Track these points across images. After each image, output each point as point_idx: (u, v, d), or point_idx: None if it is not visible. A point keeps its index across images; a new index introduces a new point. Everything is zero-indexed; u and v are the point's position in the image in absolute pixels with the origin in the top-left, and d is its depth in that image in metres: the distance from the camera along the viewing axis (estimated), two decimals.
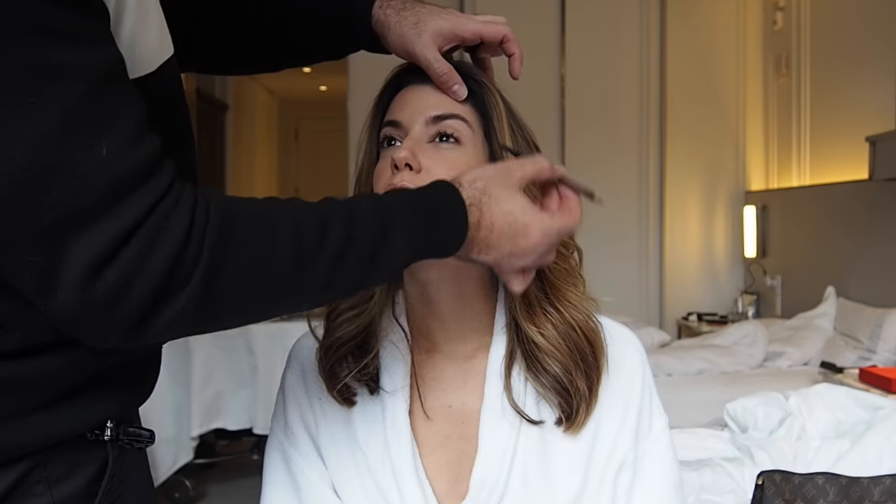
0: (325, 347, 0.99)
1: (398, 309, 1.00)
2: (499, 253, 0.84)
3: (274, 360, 3.60)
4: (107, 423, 0.82)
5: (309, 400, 0.99)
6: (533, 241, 0.84)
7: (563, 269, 0.98)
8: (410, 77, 0.98)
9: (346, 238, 0.74)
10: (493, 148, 0.96)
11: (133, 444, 0.86)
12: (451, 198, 0.82)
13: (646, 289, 5.32)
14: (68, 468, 0.80)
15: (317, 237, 0.72)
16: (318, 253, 0.72)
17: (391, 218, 0.78)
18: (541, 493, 0.92)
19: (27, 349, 0.74)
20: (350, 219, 0.75)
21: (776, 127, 5.09)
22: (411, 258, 0.81)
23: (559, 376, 0.94)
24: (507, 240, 0.83)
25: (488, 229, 0.82)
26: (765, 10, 5.22)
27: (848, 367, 3.20)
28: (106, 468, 0.83)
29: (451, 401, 0.97)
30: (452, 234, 0.81)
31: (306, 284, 0.73)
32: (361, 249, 0.75)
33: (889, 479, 1.59)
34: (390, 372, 0.97)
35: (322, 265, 0.73)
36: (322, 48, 1.08)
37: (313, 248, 0.72)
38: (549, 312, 0.96)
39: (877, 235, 3.89)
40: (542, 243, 0.85)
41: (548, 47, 5.21)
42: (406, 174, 0.90)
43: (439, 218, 0.81)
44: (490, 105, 0.96)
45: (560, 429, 0.94)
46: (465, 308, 0.98)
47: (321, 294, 0.76)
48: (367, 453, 0.94)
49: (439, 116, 0.93)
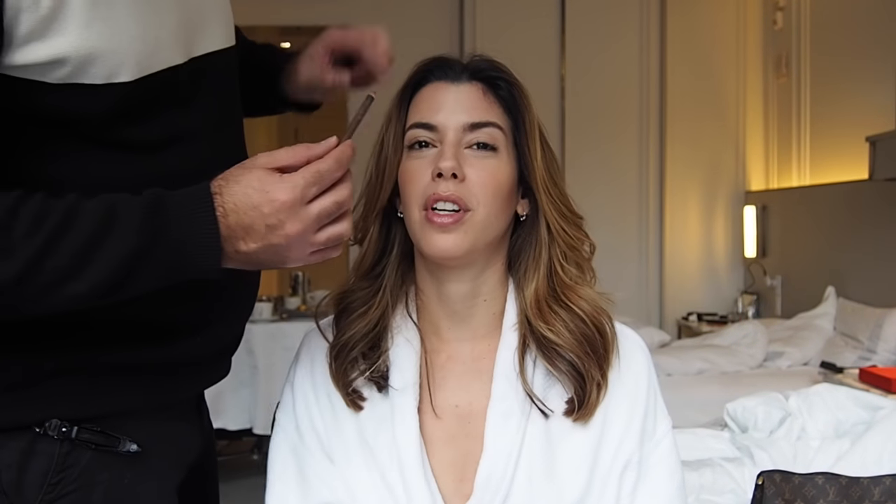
0: (338, 348, 0.98)
1: (411, 306, 1.01)
2: (257, 235, 0.79)
3: (274, 360, 3.60)
4: (53, 420, 0.86)
5: (316, 396, 0.99)
6: (284, 198, 0.78)
7: (574, 265, 0.99)
8: (439, 73, 0.98)
9: (60, 225, 0.75)
10: (522, 151, 0.97)
11: (94, 446, 0.89)
12: (199, 190, 0.80)
13: (646, 289, 5.32)
14: (20, 456, 0.86)
15: (29, 225, 0.74)
16: (25, 239, 0.74)
17: (122, 210, 0.78)
18: (546, 493, 0.92)
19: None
20: (72, 211, 0.76)
21: (776, 127, 5.09)
22: (148, 257, 0.78)
23: (574, 361, 0.95)
24: (256, 212, 0.78)
25: (234, 212, 0.78)
26: (765, 10, 5.22)
27: (848, 367, 3.20)
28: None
29: (458, 400, 0.98)
30: (202, 225, 0.78)
31: (9, 270, 0.74)
32: (76, 240, 0.75)
33: (889, 479, 1.59)
34: (401, 369, 0.97)
35: (27, 251, 0.74)
36: (269, 102, 1.21)
37: (21, 234, 0.74)
38: (558, 310, 0.97)
39: (877, 235, 3.89)
40: (296, 197, 0.78)
41: (548, 47, 5.21)
42: (451, 183, 0.92)
43: (182, 210, 0.79)
44: (523, 108, 0.98)
45: (569, 420, 0.94)
46: (478, 306, 0.99)
47: (29, 283, 0.75)
48: (375, 450, 0.95)
49: (477, 124, 0.95)
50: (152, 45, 0.84)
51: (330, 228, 0.82)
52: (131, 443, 0.91)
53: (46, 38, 0.76)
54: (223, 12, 1.02)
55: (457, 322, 0.99)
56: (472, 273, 0.97)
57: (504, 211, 0.96)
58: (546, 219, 0.98)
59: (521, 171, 0.98)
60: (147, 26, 0.84)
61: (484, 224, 0.93)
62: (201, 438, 1.08)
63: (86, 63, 0.79)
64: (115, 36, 0.80)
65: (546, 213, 0.98)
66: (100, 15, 0.79)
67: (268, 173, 0.80)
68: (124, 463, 0.92)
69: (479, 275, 0.98)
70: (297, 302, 4.19)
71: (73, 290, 0.77)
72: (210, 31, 0.96)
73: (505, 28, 5.02)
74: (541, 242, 0.98)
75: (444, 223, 0.92)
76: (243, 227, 0.79)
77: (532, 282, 0.98)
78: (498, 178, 0.94)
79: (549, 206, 0.98)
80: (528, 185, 0.99)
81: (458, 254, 0.93)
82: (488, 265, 0.98)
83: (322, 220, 0.81)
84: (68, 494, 0.88)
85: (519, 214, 1.00)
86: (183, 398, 1.03)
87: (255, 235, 0.79)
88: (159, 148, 0.89)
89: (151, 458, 0.94)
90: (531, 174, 0.97)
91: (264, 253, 0.80)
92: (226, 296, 0.95)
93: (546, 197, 0.97)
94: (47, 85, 0.78)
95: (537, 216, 0.99)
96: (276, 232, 0.79)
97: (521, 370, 0.95)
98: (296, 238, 0.80)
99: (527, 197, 1.00)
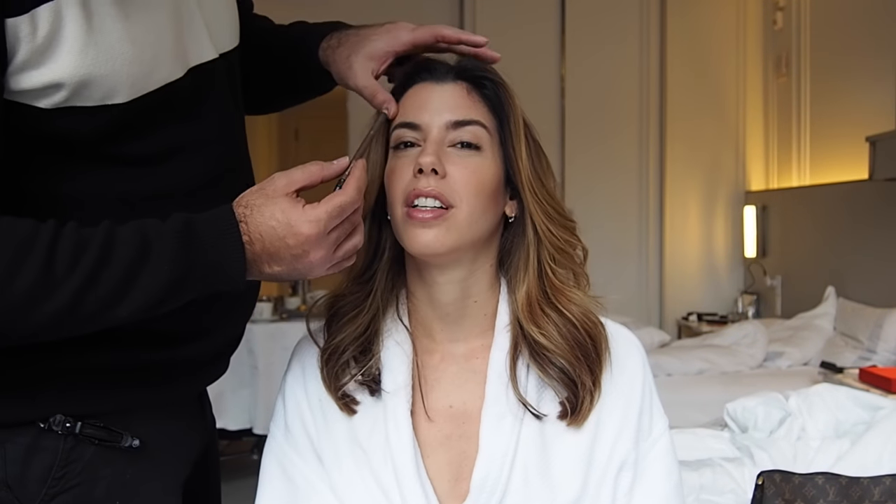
0: (329, 352, 0.98)
1: (402, 309, 1.00)
2: (282, 261, 0.85)
3: (274, 359, 3.60)
4: (56, 416, 0.89)
5: (309, 402, 0.99)
6: (308, 232, 0.83)
7: (565, 268, 0.98)
8: (425, 74, 0.98)
9: (99, 259, 0.79)
10: (507, 151, 0.96)
11: (97, 441, 0.91)
12: (224, 218, 0.84)
13: (646, 289, 5.32)
14: (26, 452, 0.88)
15: (69, 259, 0.78)
16: (68, 274, 0.78)
17: (154, 239, 0.81)
18: (541, 493, 0.92)
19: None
20: (108, 242, 0.80)
21: (776, 127, 5.09)
22: (185, 282, 0.83)
23: (565, 367, 0.94)
24: (281, 244, 0.84)
25: (259, 241, 0.84)
26: (765, 10, 5.22)
27: (848, 367, 3.20)
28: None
29: (452, 401, 0.97)
30: (230, 252, 0.83)
31: (55, 304, 0.78)
32: (116, 271, 0.79)
33: (889, 479, 1.59)
34: (392, 372, 0.97)
35: (71, 285, 0.78)
36: (301, 87, 1.16)
37: (64, 269, 0.78)
38: (550, 314, 0.96)
39: (877, 235, 3.89)
40: (320, 231, 0.84)
41: (548, 47, 5.21)
42: (432, 178, 0.91)
43: (209, 237, 0.83)
44: (508, 107, 0.97)
45: (563, 423, 0.94)
46: (469, 308, 0.99)
47: (74, 314, 0.79)
48: (368, 454, 0.94)
49: (459, 122, 0.95)
50: (149, 66, 0.86)
51: (346, 244, 0.88)
52: (133, 438, 0.93)
53: (42, 65, 0.78)
54: (226, 13, 1.02)
55: (448, 324, 0.99)
56: (461, 274, 0.97)
57: (489, 210, 0.95)
58: (532, 219, 0.97)
59: (507, 171, 0.98)
60: (143, 47, 0.85)
61: (468, 221, 0.93)
62: (203, 435, 1.09)
63: (81, 88, 0.81)
64: (109, 61, 0.82)
65: (532, 213, 0.97)
66: (94, 41, 0.81)
67: (291, 204, 0.84)
68: (127, 459, 0.94)
69: (468, 276, 0.97)
70: (297, 302, 4.19)
71: (113, 316, 0.82)
72: (213, 37, 0.97)
73: (505, 28, 5.02)
74: (528, 244, 0.98)
75: (424, 218, 0.91)
76: (269, 254, 0.84)
77: (523, 283, 0.97)
78: (480, 176, 0.94)
79: (536, 207, 0.97)
80: (515, 186, 0.98)
81: (440, 250, 0.92)
82: (477, 266, 0.98)
83: (339, 241, 0.87)
84: (72, 489, 0.90)
85: (507, 216, 0.99)
86: (183, 395, 1.04)
87: (280, 262, 0.85)
88: (161, 160, 0.91)
89: (154, 455, 0.96)
90: (516, 174, 0.97)
91: (287, 274, 0.86)
92: (228, 302, 0.96)
93: (532, 197, 0.97)
94: (44, 110, 0.81)
95: (525, 217, 0.98)
96: (301, 259, 0.85)
97: (514, 376, 0.95)
98: (319, 261, 0.86)
99: (515, 198, 0.99)
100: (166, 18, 0.88)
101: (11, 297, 0.77)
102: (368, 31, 1.02)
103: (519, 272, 0.98)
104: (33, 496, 0.88)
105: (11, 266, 0.76)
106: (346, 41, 1.04)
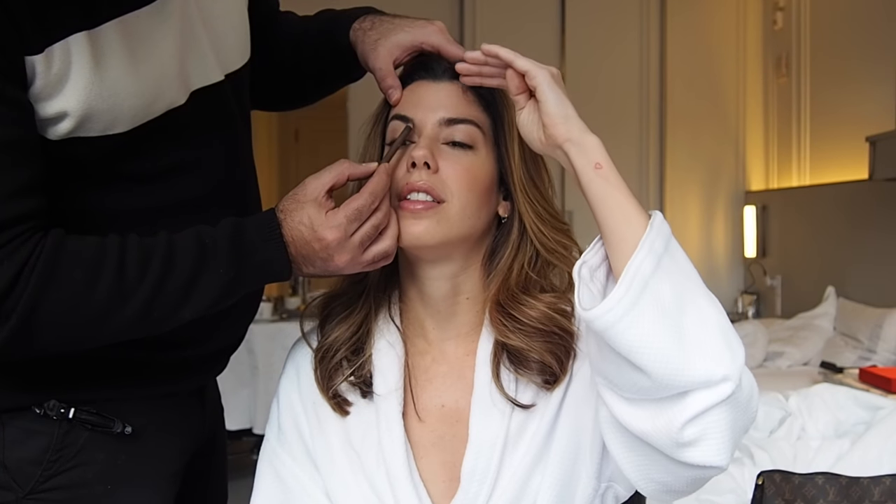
0: (322, 352, 0.99)
1: (394, 309, 1.01)
2: (314, 264, 0.91)
3: (274, 359, 3.60)
4: (51, 401, 0.93)
5: (303, 405, 0.99)
6: (330, 238, 0.89)
7: (547, 266, 0.98)
8: (422, 73, 0.99)
9: (164, 268, 0.86)
10: (501, 151, 0.97)
11: (91, 426, 0.95)
12: (267, 221, 0.90)
13: None
14: (23, 435, 0.93)
15: (137, 270, 0.84)
16: (137, 284, 0.84)
17: (209, 244, 0.88)
18: (533, 483, 0.92)
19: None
20: (170, 252, 0.87)
21: (776, 127, 5.09)
22: (239, 281, 0.90)
23: (540, 362, 0.93)
24: (309, 248, 0.90)
25: (293, 244, 0.89)
26: (765, 10, 5.22)
27: (848, 367, 3.20)
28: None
29: (445, 400, 0.98)
30: (274, 253, 0.90)
31: (129, 312, 0.85)
32: (180, 277, 0.86)
33: (889, 479, 1.59)
34: (384, 374, 0.97)
35: (142, 294, 0.85)
36: (330, 75, 1.18)
37: (133, 280, 0.84)
38: (516, 317, 0.95)
39: (877, 235, 3.89)
40: (341, 236, 0.89)
41: (548, 47, 5.21)
42: (424, 172, 0.93)
43: (257, 239, 0.89)
44: (502, 108, 0.98)
45: (550, 410, 0.93)
46: (460, 305, 0.99)
47: (145, 319, 0.86)
48: (361, 456, 0.95)
49: (452, 120, 0.96)
50: (151, 98, 0.90)
51: (374, 248, 0.91)
52: (126, 425, 0.97)
53: (52, 98, 0.83)
54: (234, 32, 1.03)
55: (440, 321, 0.99)
56: (451, 270, 0.97)
57: (481, 208, 0.96)
58: (522, 219, 0.98)
59: (501, 171, 0.98)
60: (146, 80, 0.88)
61: (459, 216, 0.93)
62: (202, 427, 1.10)
63: (84, 121, 0.85)
64: (112, 96, 0.86)
65: (522, 213, 0.97)
66: (99, 77, 0.84)
67: (316, 210, 0.89)
68: (120, 444, 0.97)
69: (458, 272, 0.98)
70: (297, 302, 4.20)
71: (179, 317, 0.89)
72: (219, 57, 0.99)
73: (505, 28, 5.02)
74: (511, 243, 0.98)
75: (415, 209, 0.93)
76: (302, 256, 0.90)
77: (495, 283, 0.97)
78: (473, 173, 0.95)
79: (527, 207, 0.97)
80: (508, 187, 0.99)
81: (430, 242, 0.93)
82: (468, 263, 0.98)
83: (365, 244, 0.91)
84: (66, 472, 0.94)
85: (501, 216, 1.00)
86: (179, 390, 1.06)
87: (312, 264, 0.91)
88: (165, 178, 0.95)
89: (147, 443, 0.99)
90: (509, 173, 0.98)
91: (323, 274, 0.93)
92: (231, 307, 0.97)
93: (523, 196, 0.97)
94: (50, 141, 0.85)
95: (514, 217, 0.99)
96: (329, 263, 0.90)
97: (497, 376, 0.94)
98: (346, 264, 0.91)
99: (508, 199, 1.00)
100: (172, 47, 0.91)
101: (89, 309, 0.83)
102: (403, 22, 1.05)
103: (498, 273, 0.98)
104: (28, 477, 0.92)
105: (88, 282, 0.82)
106: (379, 25, 1.06)
